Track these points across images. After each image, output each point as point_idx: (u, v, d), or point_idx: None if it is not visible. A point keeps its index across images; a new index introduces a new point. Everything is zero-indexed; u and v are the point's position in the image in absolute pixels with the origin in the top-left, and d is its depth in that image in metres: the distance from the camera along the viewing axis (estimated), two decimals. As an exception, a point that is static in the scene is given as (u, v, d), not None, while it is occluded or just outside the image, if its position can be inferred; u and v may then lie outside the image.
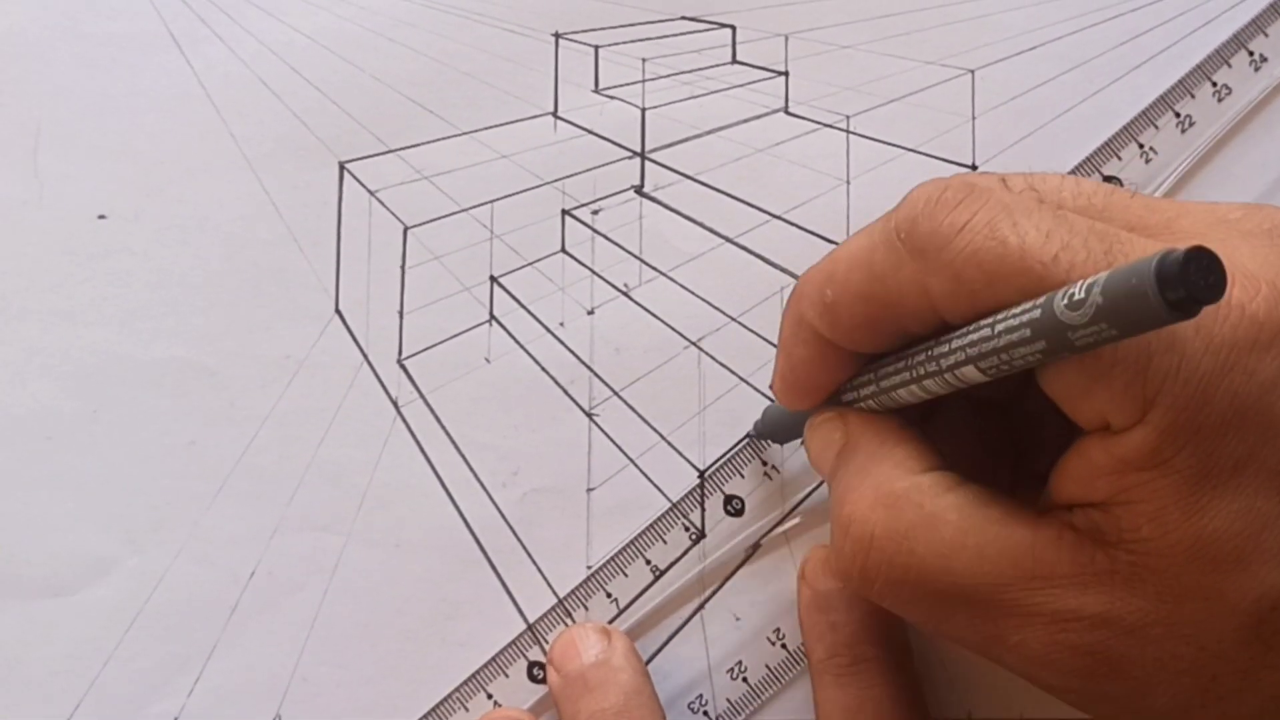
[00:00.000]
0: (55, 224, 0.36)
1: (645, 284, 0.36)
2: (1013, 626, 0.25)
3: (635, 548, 0.35)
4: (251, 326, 0.36)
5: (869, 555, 0.27)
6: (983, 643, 0.26)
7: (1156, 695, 0.25)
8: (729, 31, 0.37)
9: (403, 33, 0.37)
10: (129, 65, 0.37)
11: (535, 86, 0.37)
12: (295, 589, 0.35)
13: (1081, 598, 0.25)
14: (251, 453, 0.36)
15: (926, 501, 0.26)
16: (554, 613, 0.35)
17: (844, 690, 0.32)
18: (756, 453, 0.36)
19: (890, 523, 0.27)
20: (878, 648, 0.32)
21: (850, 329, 0.28)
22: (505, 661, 0.35)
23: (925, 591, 0.26)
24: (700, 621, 0.35)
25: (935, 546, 0.26)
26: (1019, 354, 0.24)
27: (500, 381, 0.36)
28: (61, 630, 0.35)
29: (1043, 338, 0.23)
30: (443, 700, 0.35)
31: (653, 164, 0.37)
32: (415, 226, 0.37)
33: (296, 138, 0.37)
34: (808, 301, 0.28)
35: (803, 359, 0.29)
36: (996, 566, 0.25)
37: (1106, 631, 0.25)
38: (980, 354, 0.25)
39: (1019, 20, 0.37)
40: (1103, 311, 0.22)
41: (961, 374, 0.26)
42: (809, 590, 0.33)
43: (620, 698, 0.32)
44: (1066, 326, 0.22)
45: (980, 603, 0.26)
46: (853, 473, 0.28)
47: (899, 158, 0.36)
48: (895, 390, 0.28)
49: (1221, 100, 0.36)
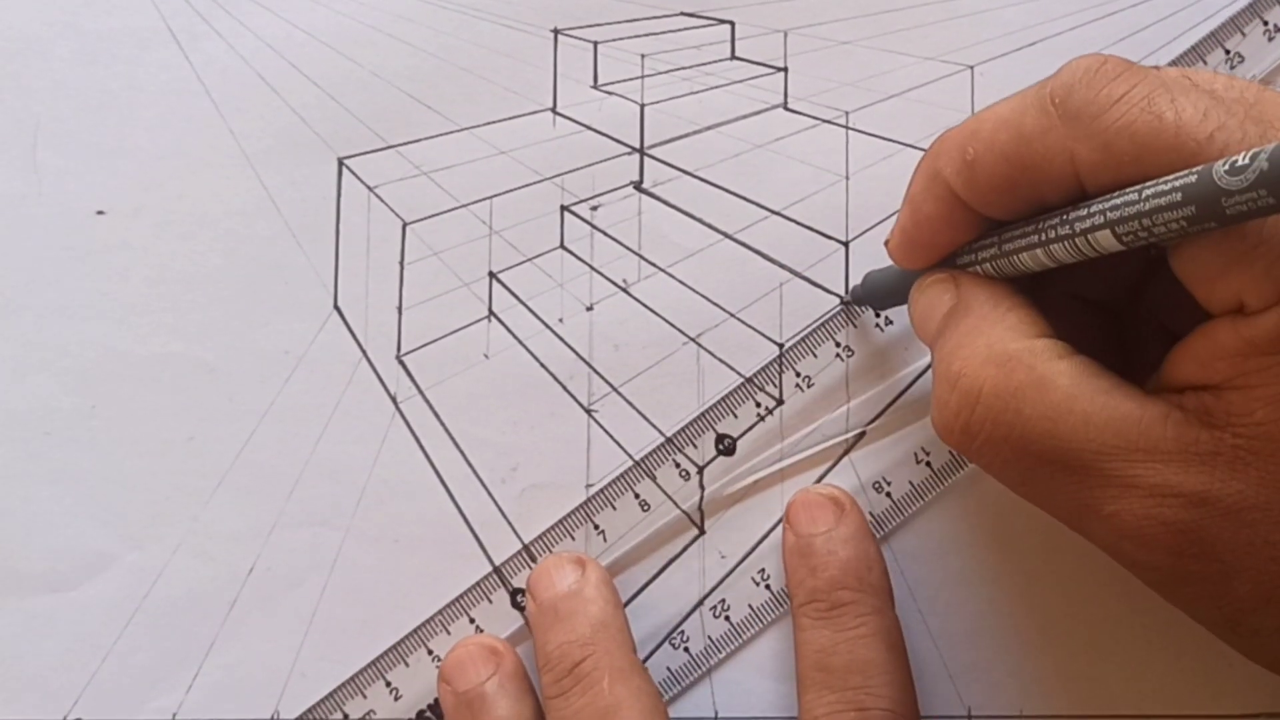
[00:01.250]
0: (54, 219, 0.36)
1: (644, 280, 0.36)
2: (1109, 496, 0.26)
3: (625, 481, 0.35)
4: (250, 322, 0.36)
5: (974, 411, 0.27)
6: (1075, 510, 0.27)
7: (1240, 581, 0.26)
8: (728, 27, 0.37)
9: (401, 28, 0.37)
10: (128, 61, 0.37)
11: (534, 82, 0.37)
12: (294, 584, 0.35)
13: (1183, 474, 0.25)
14: (250, 448, 0.36)
15: (1039, 364, 0.27)
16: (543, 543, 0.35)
17: (820, 632, 0.32)
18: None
19: (1000, 380, 0.27)
20: (856, 592, 0.32)
21: (986, 189, 0.28)
22: (489, 587, 0.35)
23: (1025, 453, 0.27)
24: (685, 559, 0.35)
25: (1042, 409, 0.26)
26: (1163, 219, 0.24)
27: (499, 377, 0.36)
28: (60, 625, 0.35)
29: (1194, 203, 0.23)
30: (425, 622, 0.35)
31: (652, 160, 0.37)
32: (414, 222, 0.37)
33: (295, 133, 0.37)
34: (946, 157, 0.29)
35: (929, 215, 0.30)
36: (1102, 434, 0.26)
37: (1203, 510, 0.25)
38: (1121, 218, 0.25)
39: (1018, 16, 0.37)
40: (1266, 178, 0.22)
41: (1096, 239, 0.26)
42: (793, 535, 0.34)
43: (588, 630, 0.32)
44: (1222, 191, 0.23)
45: (1081, 469, 0.26)
46: (964, 331, 0.28)
47: (898, 153, 0.36)
48: (1019, 254, 0.28)
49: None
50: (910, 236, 0.31)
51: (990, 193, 0.28)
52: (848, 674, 0.31)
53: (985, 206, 0.29)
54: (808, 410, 0.36)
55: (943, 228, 0.30)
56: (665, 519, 0.35)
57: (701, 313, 0.36)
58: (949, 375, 0.28)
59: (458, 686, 0.33)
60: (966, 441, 0.28)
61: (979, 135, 0.28)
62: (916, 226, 0.30)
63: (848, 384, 0.36)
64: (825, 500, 0.34)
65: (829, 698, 0.31)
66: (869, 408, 0.35)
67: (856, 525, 0.34)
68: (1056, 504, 0.27)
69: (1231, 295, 0.25)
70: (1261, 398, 0.24)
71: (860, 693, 0.31)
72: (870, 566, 0.33)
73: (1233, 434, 0.25)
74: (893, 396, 0.36)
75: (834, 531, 0.33)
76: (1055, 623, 0.35)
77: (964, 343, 0.28)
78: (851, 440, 0.36)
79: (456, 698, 0.33)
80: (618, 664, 0.32)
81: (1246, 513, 0.25)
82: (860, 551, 0.33)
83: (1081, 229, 0.26)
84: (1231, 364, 0.25)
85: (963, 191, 0.28)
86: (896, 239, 0.31)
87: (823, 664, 0.32)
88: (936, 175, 0.29)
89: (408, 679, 0.35)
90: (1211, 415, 0.25)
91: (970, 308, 0.29)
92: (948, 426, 0.28)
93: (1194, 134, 0.24)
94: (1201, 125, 0.24)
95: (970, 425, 0.27)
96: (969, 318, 0.29)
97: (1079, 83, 0.26)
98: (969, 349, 0.28)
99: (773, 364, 0.36)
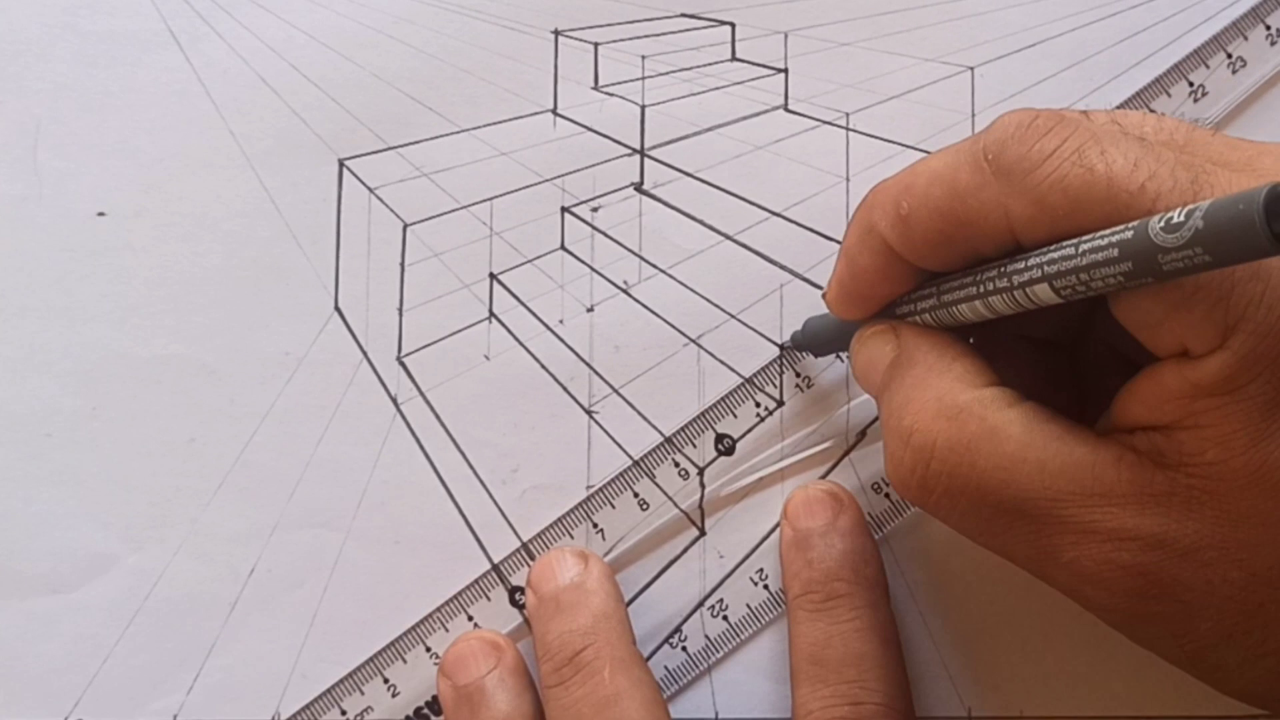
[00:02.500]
0: (55, 221, 0.36)
1: (645, 281, 0.36)
2: (1068, 543, 0.26)
3: (624, 481, 0.35)
4: (251, 324, 0.36)
5: (929, 466, 0.27)
6: (1035, 557, 0.27)
7: (1202, 619, 0.26)
8: (728, 29, 0.37)
9: (402, 30, 0.37)
10: (128, 62, 0.37)
11: (535, 84, 0.37)
12: (294, 586, 0.35)
13: (1138, 518, 0.25)
14: (251, 450, 0.36)
15: (990, 414, 0.27)
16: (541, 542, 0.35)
17: (814, 625, 0.32)
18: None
19: (953, 434, 0.27)
20: (851, 585, 0.32)
21: (921, 244, 0.28)
22: (487, 585, 0.35)
23: (983, 504, 0.27)
24: (685, 559, 0.35)
25: (997, 459, 0.26)
26: (1100, 274, 0.24)
27: (500, 379, 0.36)
28: (61, 627, 0.35)
29: (1130, 259, 0.23)
30: (423, 619, 0.35)
31: (652, 161, 0.37)
32: (415, 224, 0.37)
33: (296, 135, 0.37)
34: (880, 211, 0.29)
35: (865, 268, 0.30)
36: (1056, 482, 0.26)
37: (1160, 553, 0.25)
38: (1058, 272, 0.25)
39: (1018, 17, 0.37)
40: (1201, 236, 0.22)
41: (1034, 292, 0.26)
42: (790, 529, 0.34)
43: (589, 620, 0.32)
44: (1158, 249, 0.23)
45: (1038, 517, 0.26)
46: (910, 385, 0.28)
47: (898, 155, 0.36)
48: (957, 305, 0.28)
49: (1198, 101, 0.36)
50: (848, 289, 0.30)
51: (925, 246, 0.28)
52: (842, 667, 0.31)
53: (921, 259, 0.28)
54: (808, 411, 0.36)
55: (879, 280, 0.30)
56: (665, 519, 0.35)
57: (702, 314, 0.36)
58: (900, 430, 0.28)
59: (457, 680, 0.33)
60: (924, 496, 0.28)
61: (913, 190, 0.28)
62: (854, 279, 0.30)
63: (848, 384, 0.36)
64: (824, 495, 0.34)
65: (823, 692, 0.31)
66: (869, 408, 0.35)
67: (854, 520, 0.34)
68: (1016, 552, 0.27)
69: (1175, 341, 0.25)
70: (1212, 438, 0.24)
71: (854, 686, 0.31)
72: (867, 561, 0.33)
73: (1186, 474, 0.25)
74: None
75: (832, 525, 0.33)
76: (1055, 623, 0.35)
77: (912, 396, 0.28)
78: (852, 441, 0.36)
79: (456, 692, 0.33)
80: (619, 654, 0.32)
81: (1203, 552, 0.25)
82: (857, 545, 0.33)
83: (1019, 282, 0.26)
84: (1179, 405, 0.25)
85: (898, 245, 0.28)
86: (834, 291, 0.31)
87: (817, 657, 0.32)
88: (871, 229, 0.29)
89: (405, 676, 0.35)
90: (1164, 456, 0.25)
91: (914, 359, 0.29)
92: (904, 482, 0.28)
93: (1125, 185, 0.24)
94: (1132, 176, 0.24)
95: (926, 480, 0.27)
96: (914, 369, 0.29)
97: (1011, 138, 0.26)
98: (918, 403, 0.28)
99: (773, 364, 0.36)
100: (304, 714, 0.35)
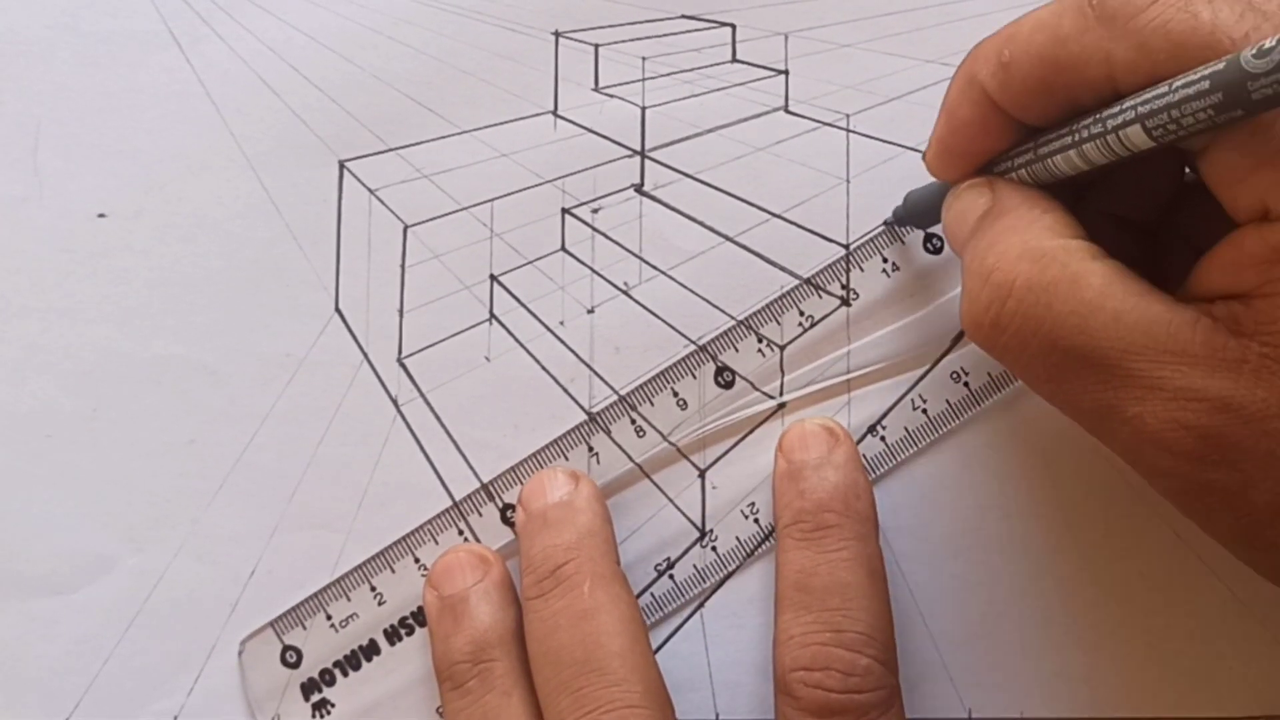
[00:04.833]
0: (55, 222, 0.36)
1: (645, 283, 0.36)
2: (1134, 397, 0.26)
3: (622, 406, 0.35)
4: (251, 325, 0.36)
5: (1005, 305, 0.27)
6: (1098, 411, 0.27)
7: (1259, 490, 0.26)
8: (729, 30, 0.37)
9: (402, 31, 0.37)
10: (128, 63, 0.37)
11: (535, 85, 0.37)
12: (295, 587, 0.35)
13: (1208, 379, 0.25)
14: (251, 451, 0.36)
15: (1073, 262, 0.27)
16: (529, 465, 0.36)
17: (802, 553, 0.32)
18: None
19: (1033, 275, 0.27)
20: (841, 516, 0.33)
21: (1022, 92, 0.28)
22: (479, 501, 0.35)
23: (1054, 348, 0.27)
24: (675, 487, 0.35)
25: (1074, 304, 0.27)
26: (1190, 109, 0.24)
27: (500, 380, 0.36)
28: (61, 628, 0.35)
29: (1220, 89, 0.24)
30: (413, 530, 0.35)
31: (653, 162, 0.37)
32: (415, 225, 0.37)
33: (296, 136, 0.37)
34: (982, 61, 0.29)
35: (965, 121, 0.30)
36: (1131, 333, 0.26)
37: (1225, 416, 0.25)
38: (1152, 111, 0.25)
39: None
40: None
41: (1127, 135, 0.26)
42: (784, 461, 0.34)
43: (574, 536, 0.33)
44: (1248, 75, 0.23)
45: (1107, 367, 0.26)
46: (999, 230, 0.29)
47: (899, 156, 0.36)
48: (1053, 157, 0.28)
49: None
50: (946, 145, 0.31)
51: (1025, 95, 0.28)
52: (826, 595, 0.32)
53: (1020, 110, 0.29)
54: (809, 349, 0.36)
55: (978, 134, 0.30)
56: (660, 447, 0.35)
57: (703, 315, 0.36)
58: (981, 270, 0.28)
59: (443, 590, 0.33)
60: (995, 335, 0.28)
61: (1016, 38, 0.28)
62: (953, 134, 0.30)
63: (848, 325, 0.36)
64: (820, 430, 0.34)
65: (806, 618, 0.31)
66: (870, 350, 0.36)
67: (848, 455, 0.34)
68: (1080, 404, 0.27)
69: (1257, 200, 0.25)
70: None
71: (838, 614, 0.31)
72: (858, 495, 0.33)
73: (1260, 342, 0.25)
74: (894, 342, 0.36)
75: (826, 459, 0.33)
76: (1056, 625, 0.35)
77: (998, 240, 0.28)
78: (852, 380, 0.36)
79: (441, 602, 0.33)
80: (600, 570, 0.32)
81: (1269, 421, 0.25)
82: (850, 480, 0.33)
83: (1113, 125, 0.26)
84: (1258, 271, 0.25)
85: (998, 95, 0.29)
86: (933, 149, 0.31)
87: (802, 584, 0.32)
88: (972, 80, 0.29)
89: (393, 585, 0.35)
90: (1240, 324, 0.25)
91: (1006, 209, 0.29)
92: (977, 320, 0.28)
93: (1229, 32, 0.25)
94: (1237, 25, 0.25)
95: (1000, 319, 0.28)
96: (1004, 218, 0.29)
97: None
98: (1003, 245, 0.28)
99: (775, 301, 0.36)
100: (288, 616, 0.35)
